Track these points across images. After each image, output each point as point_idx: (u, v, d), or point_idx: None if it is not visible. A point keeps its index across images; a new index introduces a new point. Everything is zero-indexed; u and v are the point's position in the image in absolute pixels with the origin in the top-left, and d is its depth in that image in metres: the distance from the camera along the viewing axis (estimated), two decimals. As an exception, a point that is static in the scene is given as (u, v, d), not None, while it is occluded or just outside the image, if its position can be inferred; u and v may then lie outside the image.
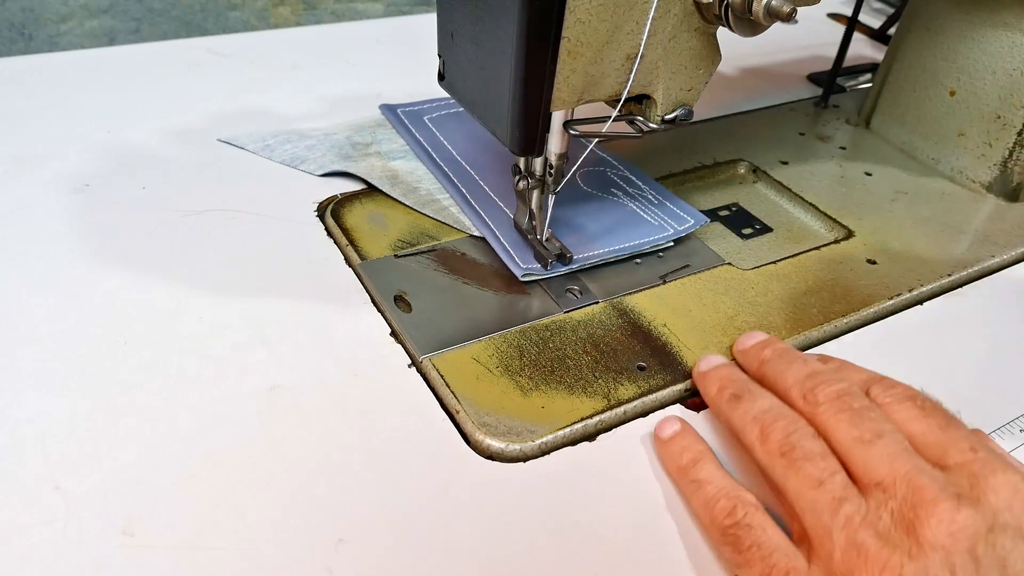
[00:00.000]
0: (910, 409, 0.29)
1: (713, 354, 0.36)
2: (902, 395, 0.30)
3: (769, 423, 0.29)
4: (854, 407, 0.29)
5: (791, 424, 0.29)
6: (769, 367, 0.33)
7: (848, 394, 0.30)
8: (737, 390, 0.32)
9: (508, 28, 0.31)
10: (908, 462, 0.26)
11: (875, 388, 0.31)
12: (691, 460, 0.31)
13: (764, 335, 0.36)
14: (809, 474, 0.27)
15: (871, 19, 0.84)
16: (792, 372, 0.32)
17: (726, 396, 0.32)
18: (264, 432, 0.32)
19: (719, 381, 0.34)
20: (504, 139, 0.35)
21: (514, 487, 0.31)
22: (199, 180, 0.48)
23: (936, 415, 0.29)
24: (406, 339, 0.37)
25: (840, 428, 0.28)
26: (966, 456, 0.27)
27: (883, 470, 0.26)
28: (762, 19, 0.33)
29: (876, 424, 0.28)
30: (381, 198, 0.46)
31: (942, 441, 0.28)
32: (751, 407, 0.31)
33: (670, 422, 0.33)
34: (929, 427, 0.28)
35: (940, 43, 0.52)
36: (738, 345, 0.37)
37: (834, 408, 0.29)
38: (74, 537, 0.28)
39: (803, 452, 0.28)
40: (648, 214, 0.46)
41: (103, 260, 0.41)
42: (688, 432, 0.33)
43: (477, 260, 0.42)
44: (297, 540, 0.28)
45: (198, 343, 0.36)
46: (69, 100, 0.55)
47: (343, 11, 0.84)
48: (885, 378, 0.32)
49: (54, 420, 0.32)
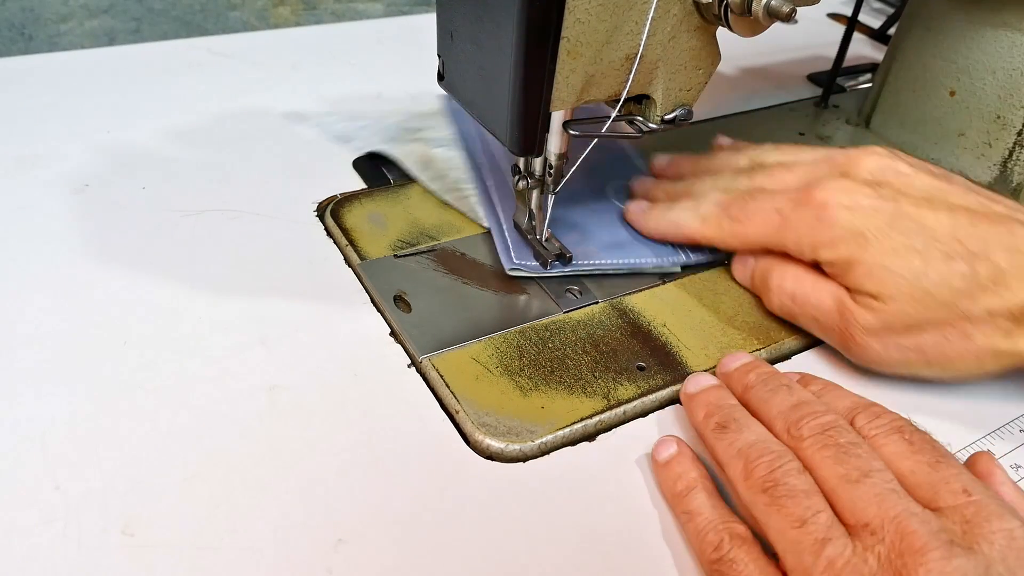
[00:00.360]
0: (898, 443, 0.28)
1: (701, 374, 0.35)
2: (889, 427, 0.29)
3: (753, 458, 0.28)
4: (839, 443, 0.28)
5: (776, 460, 0.28)
6: (753, 394, 0.32)
7: (833, 428, 0.29)
8: (723, 419, 0.31)
9: (508, 28, 0.31)
10: (898, 504, 0.25)
11: (860, 418, 0.30)
12: (685, 488, 0.30)
13: (748, 357, 0.35)
14: (791, 512, 0.26)
15: (871, 19, 0.84)
16: (776, 403, 0.31)
17: (711, 425, 0.31)
18: (264, 432, 0.32)
19: (706, 407, 0.32)
20: (504, 139, 0.35)
21: (514, 487, 0.31)
22: (199, 180, 0.48)
23: (925, 451, 0.28)
24: (405, 339, 0.37)
25: (825, 465, 0.27)
26: (959, 499, 0.26)
27: (871, 511, 0.25)
28: (762, 19, 0.33)
29: (863, 462, 0.27)
30: (381, 198, 0.46)
31: (933, 481, 0.27)
32: (736, 439, 0.30)
33: (666, 444, 0.32)
34: (918, 464, 0.27)
35: (940, 43, 0.52)
36: (721, 367, 0.35)
37: (818, 444, 0.28)
38: (74, 537, 0.28)
39: (786, 489, 0.27)
40: None
41: (103, 260, 0.41)
42: (684, 457, 0.31)
43: (477, 260, 0.42)
44: (297, 540, 0.29)
45: (198, 343, 0.36)
46: (69, 100, 0.55)
47: (343, 11, 0.84)
48: (871, 405, 0.31)
49: (54, 420, 0.32)
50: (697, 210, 0.41)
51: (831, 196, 0.36)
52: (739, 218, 0.39)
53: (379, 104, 0.56)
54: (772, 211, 0.38)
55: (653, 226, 0.43)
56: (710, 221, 0.40)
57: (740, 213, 0.39)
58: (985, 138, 0.51)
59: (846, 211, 0.35)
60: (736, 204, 0.39)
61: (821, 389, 0.33)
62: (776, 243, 0.38)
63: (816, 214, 0.36)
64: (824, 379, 0.34)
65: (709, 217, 0.40)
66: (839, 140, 0.58)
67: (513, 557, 0.29)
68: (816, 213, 0.36)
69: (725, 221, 0.39)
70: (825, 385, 0.33)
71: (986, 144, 0.51)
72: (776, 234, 0.38)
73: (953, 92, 0.52)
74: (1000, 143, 0.51)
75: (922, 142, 0.55)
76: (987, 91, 0.50)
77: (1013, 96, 0.49)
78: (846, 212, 0.35)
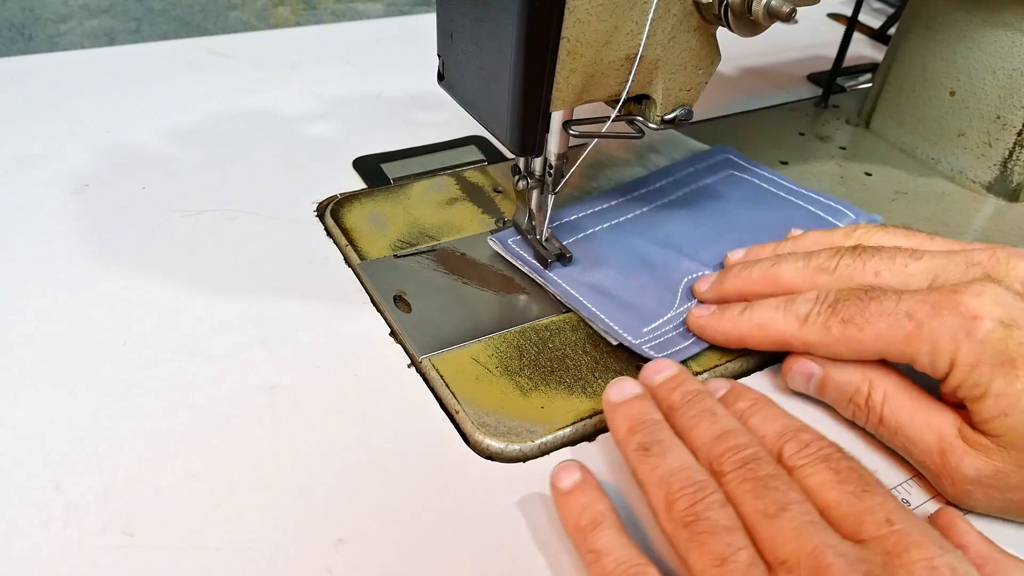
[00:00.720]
0: (823, 473, 0.27)
1: (625, 379, 0.32)
2: (816, 456, 0.28)
3: (675, 490, 0.27)
4: (759, 476, 0.27)
5: (697, 492, 0.27)
6: (677, 418, 0.31)
7: (754, 460, 0.27)
8: (646, 439, 0.29)
9: (508, 28, 0.31)
10: (815, 536, 0.24)
11: (789, 447, 0.28)
12: (590, 522, 0.28)
13: (672, 369, 0.33)
14: (712, 550, 0.25)
15: (871, 19, 0.84)
16: (699, 432, 0.29)
17: (634, 444, 0.29)
18: (264, 432, 0.32)
19: (628, 421, 0.30)
20: (503, 139, 0.35)
21: (514, 487, 0.31)
22: (199, 180, 0.48)
23: (851, 480, 0.27)
24: (405, 339, 0.37)
25: (745, 500, 0.26)
26: (882, 529, 0.25)
27: (788, 547, 0.24)
28: (762, 19, 0.33)
29: (781, 495, 0.26)
30: (381, 198, 0.46)
31: (858, 511, 0.26)
32: (659, 464, 0.28)
33: (569, 470, 0.30)
34: (843, 495, 0.26)
35: (940, 43, 0.52)
36: (644, 379, 0.33)
37: (739, 478, 0.27)
38: (74, 537, 0.28)
39: (707, 525, 0.26)
40: None
41: (103, 260, 0.41)
42: (588, 486, 0.29)
43: (477, 260, 0.42)
44: (297, 540, 0.29)
45: (198, 343, 0.36)
46: (69, 100, 0.55)
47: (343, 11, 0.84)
48: (801, 431, 0.29)
49: (54, 420, 0.32)
50: (791, 308, 0.33)
51: (984, 306, 0.29)
52: (855, 321, 0.32)
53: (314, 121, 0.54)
54: (901, 315, 0.31)
55: (730, 329, 0.35)
56: (813, 323, 0.33)
57: (857, 315, 0.32)
58: (985, 138, 0.51)
59: (1001, 328, 0.29)
60: (850, 303, 0.32)
61: (751, 407, 0.31)
62: (900, 354, 0.31)
63: (963, 325, 0.29)
64: (755, 393, 0.32)
65: (811, 318, 0.33)
66: (839, 140, 0.58)
67: (513, 557, 0.29)
68: (963, 324, 0.29)
69: (835, 323, 0.32)
70: (755, 401, 0.31)
71: (986, 144, 0.51)
72: (904, 343, 0.30)
73: (953, 92, 0.52)
74: (1000, 143, 0.51)
75: (922, 142, 0.55)
76: (987, 91, 0.50)
77: (1013, 96, 0.49)
78: (1001, 329, 0.29)
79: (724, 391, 0.33)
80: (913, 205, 0.51)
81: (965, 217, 0.50)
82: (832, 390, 0.34)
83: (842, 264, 0.34)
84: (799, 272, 0.35)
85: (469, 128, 0.55)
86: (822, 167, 0.54)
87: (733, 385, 0.33)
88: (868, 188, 0.52)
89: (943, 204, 0.51)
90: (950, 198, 0.52)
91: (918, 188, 0.52)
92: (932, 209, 0.50)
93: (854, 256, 0.34)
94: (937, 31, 0.52)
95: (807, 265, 0.35)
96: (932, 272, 0.32)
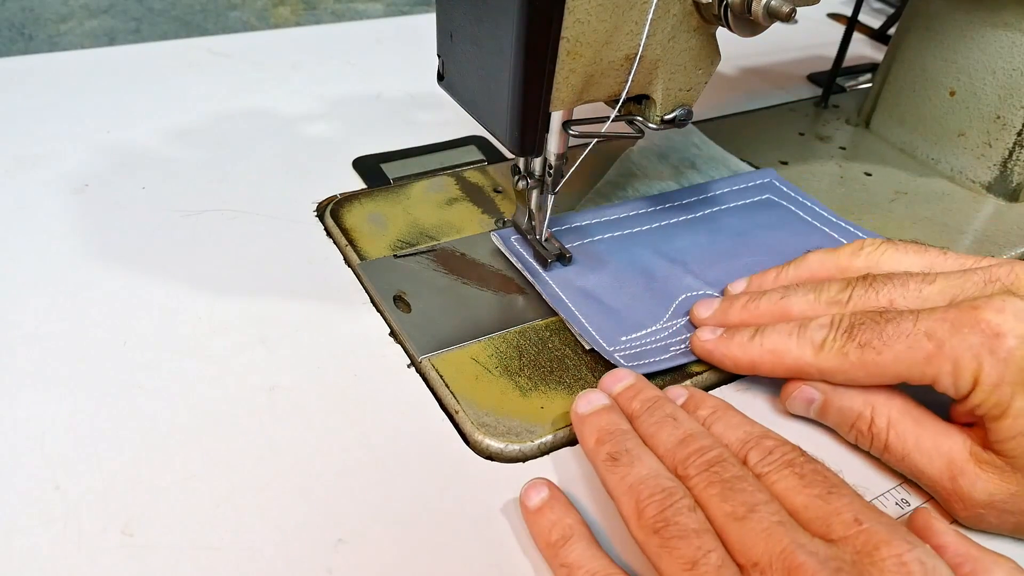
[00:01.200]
0: (788, 478, 0.27)
1: (592, 391, 0.32)
2: (780, 461, 0.28)
3: (644, 497, 0.27)
4: (725, 478, 0.27)
5: (667, 499, 0.26)
6: (640, 425, 0.31)
7: (719, 463, 0.27)
8: (614, 449, 0.29)
9: (507, 28, 0.31)
10: (785, 537, 0.24)
11: (753, 454, 0.28)
12: (560, 537, 0.28)
13: (629, 378, 0.33)
14: (683, 554, 0.25)
15: (871, 19, 0.84)
16: (662, 438, 0.29)
17: (602, 455, 0.29)
18: (264, 432, 0.32)
19: (597, 432, 0.30)
20: (503, 139, 0.35)
21: (513, 487, 0.31)
22: (199, 180, 0.48)
23: (816, 483, 0.27)
24: (405, 339, 0.37)
25: (712, 503, 0.26)
26: (850, 529, 0.25)
27: (759, 548, 0.25)
28: (761, 19, 0.33)
29: (748, 496, 0.26)
30: (381, 198, 0.46)
31: (825, 513, 0.26)
32: (628, 473, 0.28)
33: (537, 488, 0.30)
34: (810, 498, 0.26)
35: (940, 43, 0.52)
36: (603, 389, 0.33)
37: (705, 481, 0.27)
38: (74, 537, 0.28)
39: (677, 530, 0.26)
40: None
41: (103, 260, 0.41)
42: (556, 502, 0.29)
43: (477, 260, 0.42)
44: (297, 540, 0.29)
45: (198, 343, 0.36)
46: (69, 100, 0.55)
47: (343, 11, 0.84)
48: (764, 437, 0.29)
49: (54, 420, 0.32)
50: (805, 334, 0.33)
51: (1006, 322, 0.28)
52: (872, 344, 0.31)
53: (314, 121, 0.54)
54: (920, 335, 0.30)
55: (739, 355, 0.34)
56: (829, 349, 0.32)
57: (875, 338, 0.31)
58: (985, 138, 0.51)
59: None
60: (867, 326, 0.31)
61: (712, 415, 0.31)
62: (922, 375, 0.30)
63: (985, 343, 0.28)
64: (715, 399, 0.32)
65: (827, 344, 0.32)
66: (839, 140, 0.58)
67: (512, 557, 0.29)
68: (985, 342, 0.28)
69: (852, 348, 0.31)
70: (715, 409, 0.31)
71: (986, 144, 0.51)
72: (925, 364, 0.30)
73: (953, 92, 0.52)
74: (1000, 143, 0.51)
75: (922, 142, 0.55)
76: (987, 91, 0.50)
77: (1013, 96, 0.49)
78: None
79: (683, 399, 0.32)
80: (913, 205, 0.51)
81: (965, 217, 0.50)
82: (834, 415, 0.33)
83: (855, 295, 0.33)
84: (810, 305, 0.34)
85: (469, 128, 0.55)
86: (822, 167, 0.54)
87: (692, 392, 0.33)
88: (868, 188, 0.52)
89: (943, 204, 0.51)
90: (950, 198, 0.52)
91: (918, 188, 0.52)
92: (932, 209, 0.50)
93: (866, 286, 0.33)
94: (937, 31, 0.52)
95: (818, 298, 0.34)
96: (948, 295, 0.32)
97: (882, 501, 0.32)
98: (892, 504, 0.32)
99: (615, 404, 0.32)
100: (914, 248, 0.35)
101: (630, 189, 0.49)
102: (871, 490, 0.32)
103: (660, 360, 0.36)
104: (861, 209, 0.50)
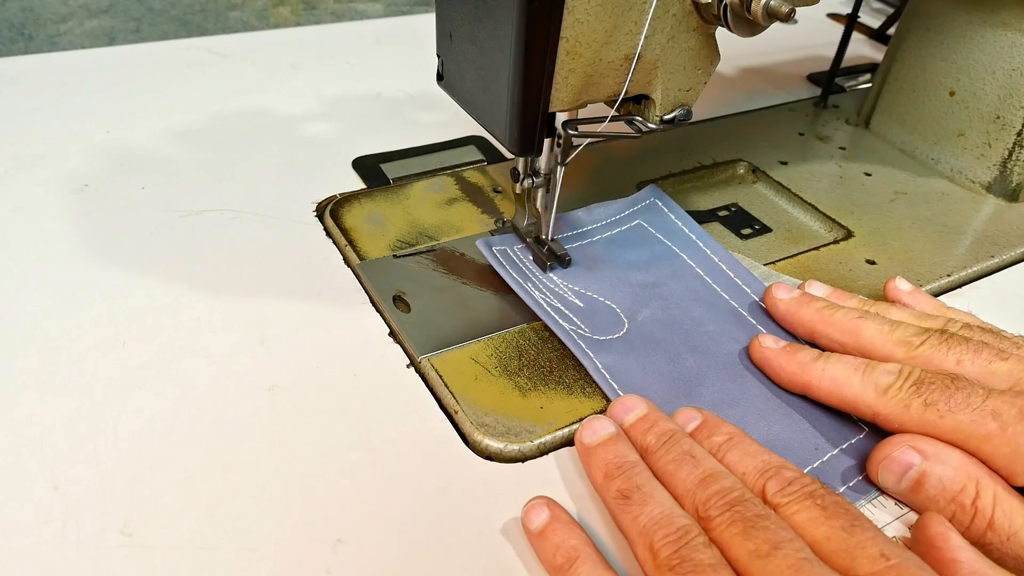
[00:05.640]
0: (810, 509, 0.27)
1: (597, 417, 0.32)
2: (800, 492, 0.27)
3: (659, 538, 0.26)
4: (747, 517, 0.26)
5: (681, 537, 0.26)
6: (655, 462, 0.30)
7: (741, 503, 0.27)
8: (625, 486, 0.29)
9: (506, 28, 0.32)
10: (812, 574, 0.24)
11: (772, 484, 0.28)
12: (565, 561, 0.27)
13: (641, 407, 0.32)
14: None
15: (871, 19, 0.84)
16: (681, 477, 0.29)
17: (613, 491, 0.29)
18: (263, 432, 0.32)
19: (605, 466, 0.30)
20: (503, 139, 0.35)
21: (513, 487, 0.31)
22: (199, 180, 0.48)
23: (839, 515, 0.26)
24: (405, 339, 0.37)
25: (735, 543, 0.26)
26: (877, 565, 0.24)
27: None
28: (761, 19, 0.33)
29: (771, 534, 0.26)
30: (380, 198, 0.46)
31: (849, 546, 0.25)
32: (640, 513, 0.28)
33: (537, 509, 0.29)
34: (833, 530, 0.26)
35: (940, 43, 0.52)
36: (612, 417, 0.32)
37: (727, 521, 0.27)
38: (74, 537, 0.28)
39: (692, 565, 0.25)
40: None
41: (103, 260, 0.41)
42: (559, 523, 0.28)
43: (476, 260, 0.42)
44: (296, 540, 0.29)
45: (198, 343, 0.36)
46: (69, 100, 0.55)
47: (343, 11, 0.84)
48: (782, 467, 0.29)
49: (54, 420, 0.32)
50: (871, 375, 0.32)
51: None
52: (937, 406, 0.30)
53: (314, 121, 0.54)
54: (987, 412, 0.30)
55: (797, 373, 0.34)
56: (893, 397, 0.31)
57: (941, 401, 0.30)
58: (985, 138, 0.51)
59: None
60: (936, 387, 0.31)
61: (727, 442, 0.30)
62: (976, 450, 0.30)
63: None
64: (729, 426, 0.31)
65: (891, 391, 0.31)
66: (839, 140, 0.58)
67: (512, 557, 0.29)
68: None
69: (916, 403, 0.31)
70: (730, 436, 0.31)
71: (986, 144, 0.51)
72: (983, 440, 0.30)
73: (953, 92, 0.52)
74: (1000, 143, 0.51)
75: (922, 142, 0.55)
76: (987, 91, 0.50)
77: (1013, 96, 0.49)
78: None
79: (696, 423, 0.32)
80: (913, 205, 0.51)
81: (965, 217, 0.50)
82: (932, 487, 0.30)
83: (927, 344, 0.33)
84: (880, 334, 0.34)
85: (469, 128, 0.55)
86: (822, 167, 0.54)
87: (706, 417, 0.32)
88: (868, 188, 0.52)
89: (943, 204, 0.51)
90: (950, 198, 0.52)
91: (918, 188, 0.52)
92: (932, 209, 0.50)
93: (940, 340, 0.33)
94: (937, 31, 0.52)
95: (891, 332, 0.34)
96: (1015, 376, 0.31)
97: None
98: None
99: (621, 432, 0.31)
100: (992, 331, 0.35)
101: None
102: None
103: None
104: (861, 209, 0.50)
